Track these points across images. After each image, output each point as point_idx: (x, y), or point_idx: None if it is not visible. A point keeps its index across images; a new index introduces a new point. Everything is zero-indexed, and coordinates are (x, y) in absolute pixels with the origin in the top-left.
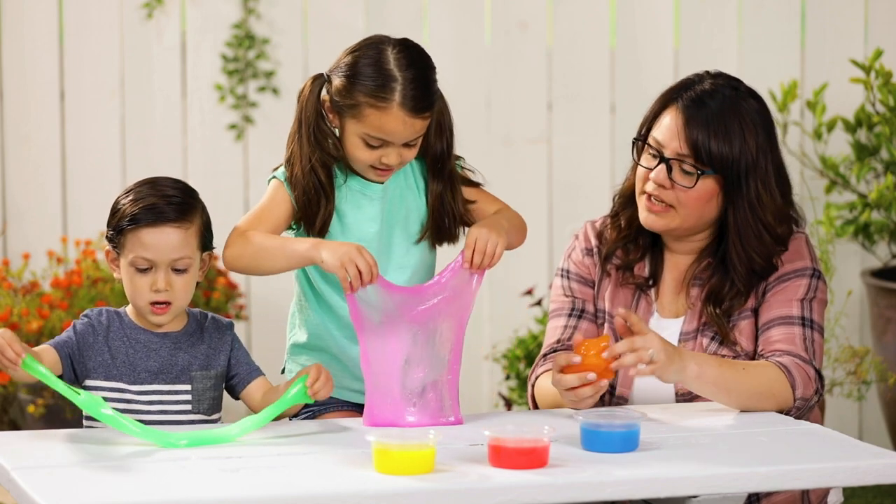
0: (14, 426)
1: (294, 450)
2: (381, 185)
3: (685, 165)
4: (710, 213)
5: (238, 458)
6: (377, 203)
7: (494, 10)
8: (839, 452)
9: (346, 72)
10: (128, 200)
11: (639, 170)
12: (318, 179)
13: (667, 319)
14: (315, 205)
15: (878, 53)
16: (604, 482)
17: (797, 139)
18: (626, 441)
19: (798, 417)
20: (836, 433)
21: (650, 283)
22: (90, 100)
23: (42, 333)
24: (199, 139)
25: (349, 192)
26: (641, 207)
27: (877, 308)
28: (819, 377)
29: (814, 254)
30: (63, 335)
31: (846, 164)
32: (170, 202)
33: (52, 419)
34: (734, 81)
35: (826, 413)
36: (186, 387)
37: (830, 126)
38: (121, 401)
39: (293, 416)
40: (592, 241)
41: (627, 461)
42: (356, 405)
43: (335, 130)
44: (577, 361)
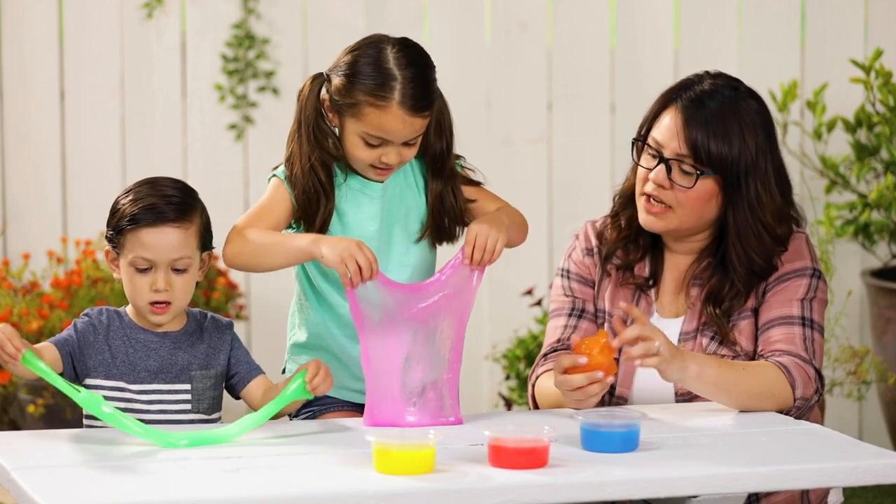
0: (14, 426)
1: (294, 450)
2: (381, 184)
3: (684, 166)
4: (710, 214)
5: (238, 458)
6: (377, 202)
7: (494, 10)
8: (839, 452)
9: (346, 71)
10: (127, 200)
11: (639, 170)
12: (318, 178)
13: (667, 319)
14: (315, 204)
15: (878, 53)
16: (604, 482)
17: (797, 139)
18: (626, 441)
19: (798, 417)
20: (836, 433)
21: (650, 283)
22: (90, 100)
23: (42, 333)
24: (199, 139)
25: (349, 191)
26: (640, 209)
27: (877, 308)
28: (819, 377)
29: (814, 254)
30: (64, 333)
31: (846, 164)
32: (169, 202)
33: (52, 419)
34: (734, 82)
35: (826, 413)
36: (186, 386)
37: (830, 126)
38: (121, 400)
39: (293, 416)
40: (593, 241)
41: (627, 461)
42: (356, 405)
43: (335, 129)
44: (584, 362)
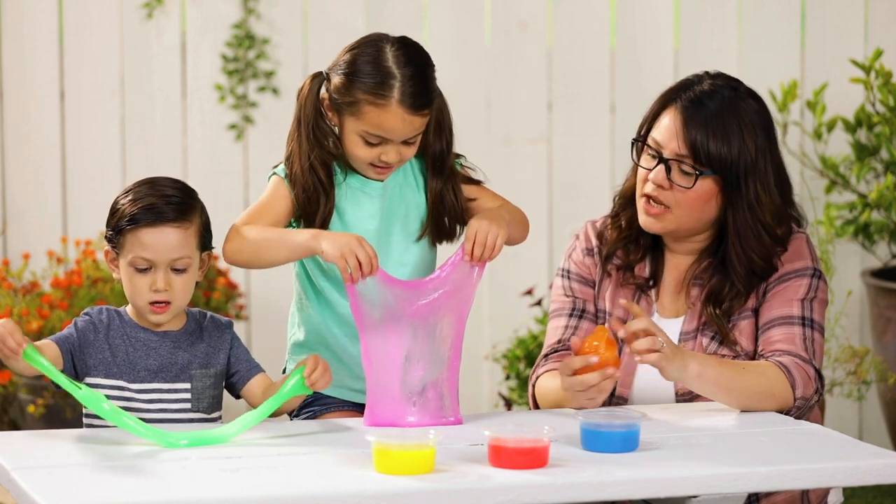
0: (14, 426)
1: (294, 450)
2: (381, 183)
3: (684, 166)
4: (710, 214)
5: (238, 458)
6: (376, 200)
7: (494, 10)
8: (839, 452)
9: (345, 69)
10: (127, 200)
11: (639, 171)
12: (318, 177)
13: (667, 319)
14: (315, 202)
15: (878, 53)
16: (604, 482)
17: (797, 139)
18: (626, 441)
19: (798, 417)
20: (836, 433)
21: (650, 284)
22: (90, 100)
23: (42, 333)
24: (199, 139)
25: (349, 190)
26: (640, 210)
27: (877, 308)
28: (819, 377)
29: (814, 254)
30: (64, 331)
31: (846, 164)
32: (169, 202)
33: (52, 419)
34: (734, 82)
35: (826, 413)
36: (186, 385)
37: (830, 126)
38: (121, 399)
39: (294, 416)
40: (593, 241)
41: (627, 461)
42: (356, 405)
43: (334, 128)
44: (595, 361)
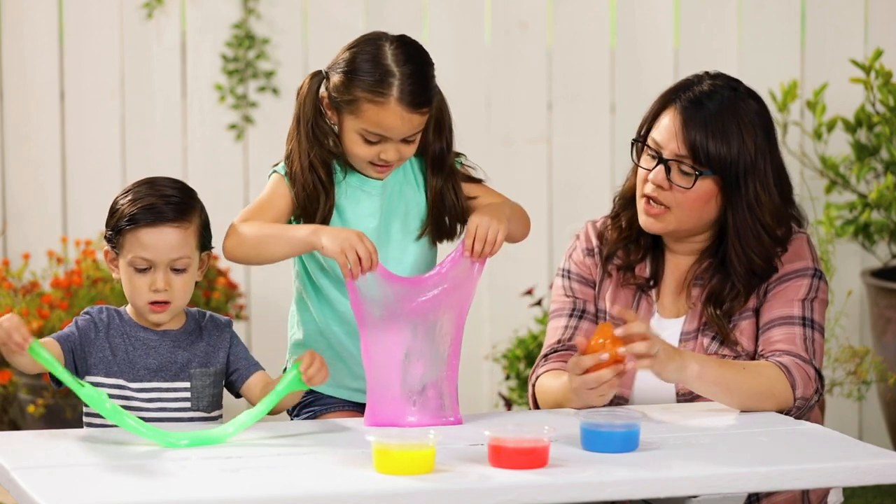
0: (14, 426)
1: (294, 450)
2: (381, 181)
3: (683, 166)
4: (709, 215)
5: (238, 458)
6: (376, 199)
7: (494, 10)
8: (839, 452)
9: (344, 68)
10: (126, 200)
11: (639, 171)
12: (318, 176)
13: (667, 319)
14: (315, 201)
15: (878, 53)
16: (604, 482)
17: (797, 139)
18: (626, 441)
19: (798, 417)
20: (836, 433)
21: (651, 284)
22: (90, 100)
23: (42, 333)
24: (199, 139)
25: (348, 188)
26: (640, 210)
27: (877, 308)
28: (819, 377)
29: (815, 254)
30: (65, 330)
31: (846, 164)
32: (168, 202)
33: (52, 419)
34: (733, 82)
35: (826, 413)
36: (185, 384)
37: (830, 126)
38: (120, 398)
39: (294, 416)
40: (593, 241)
41: (627, 461)
42: (356, 405)
43: (334, 127)
44: (606, 358)
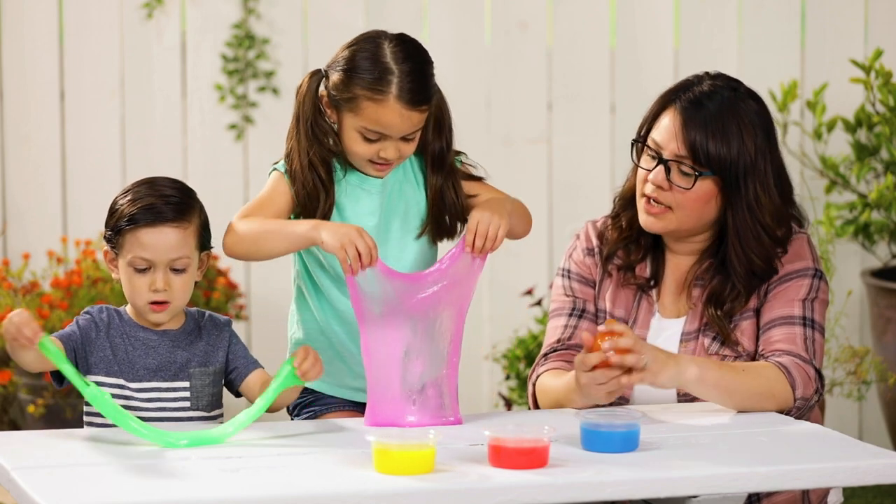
0: (14, 426)
1: (294, 450)
2: (380, 180)
3: (683, 167)
4: (709, 215)
5: (238, 458)
6: (376, 197)
7: (494, 10)
8: (839, 452)
9: (344, 66)
10: (126, 201)
11: (639, 171)
12: (318, 174)
13: (668, 319)
14: (315, 199)
15: (878, 53)
16: (604, 482)
17: (797, 139)
18: (626, 441)
19: (798, 417)
20: (836, 433)
21: (651, 284)
22: (90, 100)
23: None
24: (199, 139)
25: (348, 186)
26: (640, 210)
27: (877, 308)
28: (819, 377)
29: (815, 254)
30: (67, 329)
31: (846, 164)
32: (168, 202)
33: (52, 419)
34: (734, 83)
35: (826, 413)
36: (185, 384)
37: (830, 126)
38: (120, 397)
39: (294, 416)
40: (594, 241)
41: (627, 461)
42: (356, 404)
43: (333, 126)
44: (613, 355)
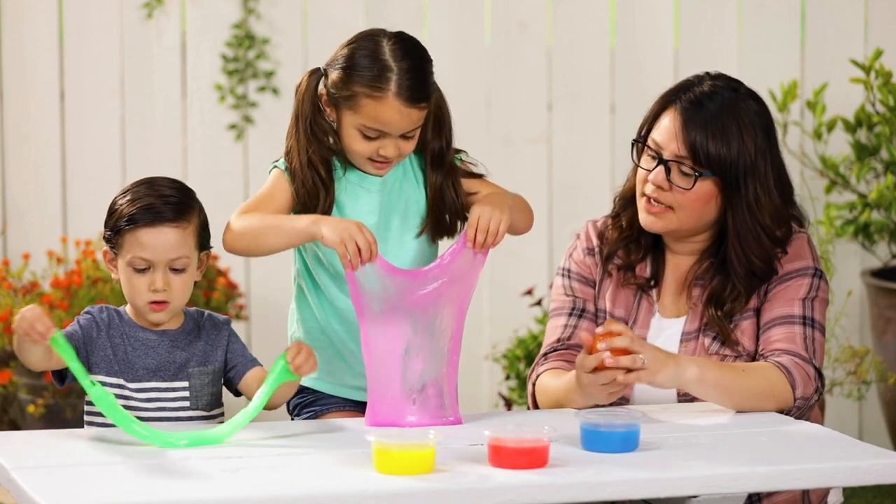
0: (14, 426)
1: (294, 450)
2: (380, 178)
3: (683, 167)
4: (710, 215)
5: (238, 458)
6: (376, 195)
7: (494, 10)
8: (839, 452)
9: (343, 64)
10: (125, 201)
11: (639, 172)
12: (317, 172)
13: (668, 319)
14: (314, 197)
15: (878, 53)
16: (604, 482)
17: (797, 139)
18: (626, 441)
19: (798, 417)
20: (836, 433)
21: (651, 284)
22: (90, 100)
23: None
24: (199, 139)
25: (347, 185)
26: (641, 209)
27: (877, 308)
28: (819, 376)
29: (815, 253)
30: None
31: (846, 164)
32: (167, 202)
33: (52, 419)
34: (734, 83)
35: (826, 413)
36: (184, 384)
37: (830, 126)
38: (120, 397)
39: (294, 416)
40: (594, 241)
41: (627, 461)
42: (357, 403)
43: (332, 124)
44: (608, 357)
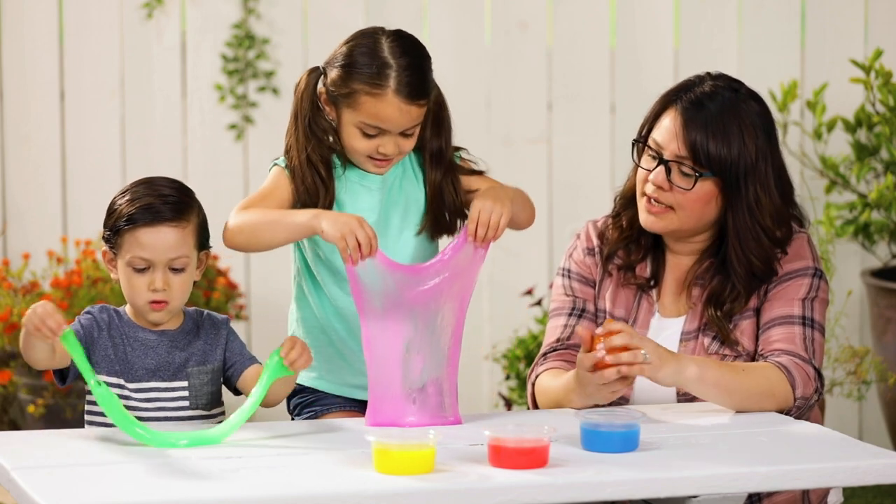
0: (14, 426)
1: (294, 450)
2: (380, 176)
3: (684, 167)
4: (710, 215)
5: (238, 458)
6: (376, 194)
7: (494, 10)
8: (839, 452)
9: (342, 62)
10: (124, 200)
11: (639, 171)
12: (317, 171)
13: (668, 319)
14: (314, 195)
15: (878, 53)
16: (604, 482)
17: (797, 139)
18: (626, 441)
19: (798, 417)
20: (836, 433)
21: (651, 284)
22: (90, 100)
23: None
24: (199, 139)
25: (348, 183)
26: (641, 209)
27: (877, 308)
28: (819, 376)
29: (815, 253)
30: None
31: (846, 164)
32: (166, 201)
33: (52, 419)
34: (735, 83)
35: (826, 413)
36: (183, 384)
37: (830, 126)
38: (119, 397)
39: (294, 416)
40: (594, 241)
41: (627, 461)
42: (357, 403)
43: (332, 123)
44: (603, 355)
